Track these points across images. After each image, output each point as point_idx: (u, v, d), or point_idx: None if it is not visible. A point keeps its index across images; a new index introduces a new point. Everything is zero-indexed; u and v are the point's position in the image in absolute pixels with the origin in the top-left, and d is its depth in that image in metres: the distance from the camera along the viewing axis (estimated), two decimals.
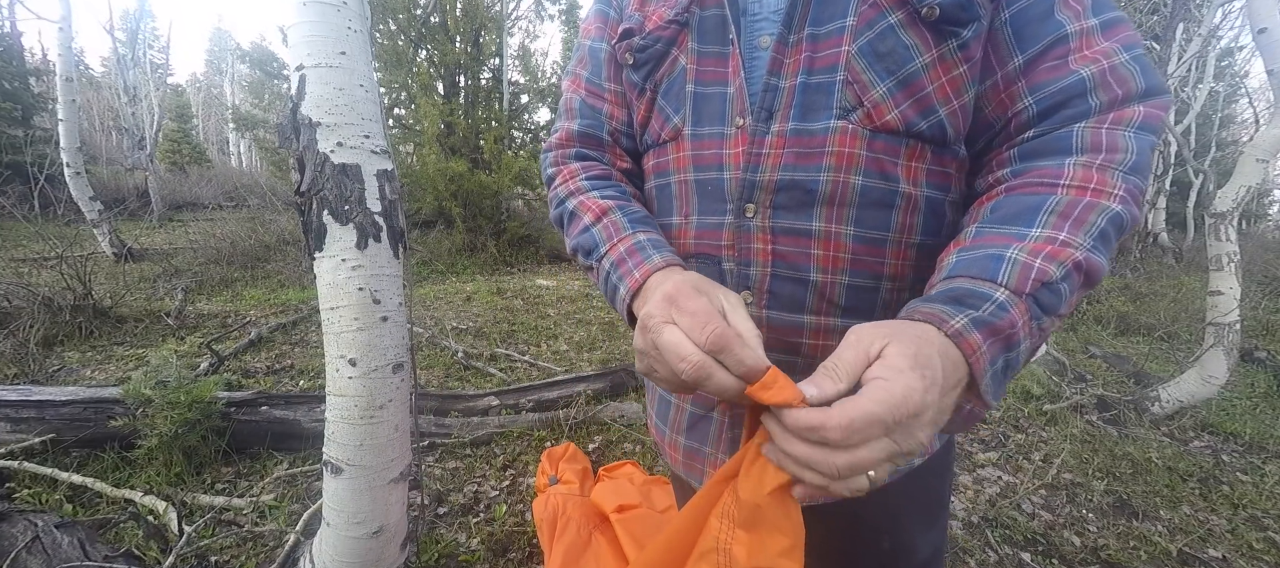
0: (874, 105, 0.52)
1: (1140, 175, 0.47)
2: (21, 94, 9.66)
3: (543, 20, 9.21)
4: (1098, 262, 0.44)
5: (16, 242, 6.18)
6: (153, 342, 3.42)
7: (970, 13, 0.50)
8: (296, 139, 1.16)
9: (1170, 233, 10.36)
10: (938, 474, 0.67)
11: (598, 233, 0.62)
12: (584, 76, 0.72)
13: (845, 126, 0.53)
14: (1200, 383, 2.78)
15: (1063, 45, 0.49)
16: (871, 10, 0.51)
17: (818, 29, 0.54)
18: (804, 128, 0.54)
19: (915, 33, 0.51)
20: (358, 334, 1.20)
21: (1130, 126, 0.47)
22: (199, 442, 1.99)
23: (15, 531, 1.46)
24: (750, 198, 0.56)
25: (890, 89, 0.52)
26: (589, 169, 0.69)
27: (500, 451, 2.28)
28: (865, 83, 0.52)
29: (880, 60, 0.52)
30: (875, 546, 0.65)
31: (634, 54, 0.64)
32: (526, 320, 4.40)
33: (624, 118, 0.70)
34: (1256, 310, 5.23)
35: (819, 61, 0.54)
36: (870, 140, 0.53)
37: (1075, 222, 0.45)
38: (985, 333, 0.41)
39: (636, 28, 0.64)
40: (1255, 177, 2.69)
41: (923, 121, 0.52)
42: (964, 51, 0.51)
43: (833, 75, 0.53)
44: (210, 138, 28.34)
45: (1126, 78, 0.48)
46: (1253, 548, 1.85)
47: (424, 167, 7.08)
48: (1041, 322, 0.43)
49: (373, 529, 1.26)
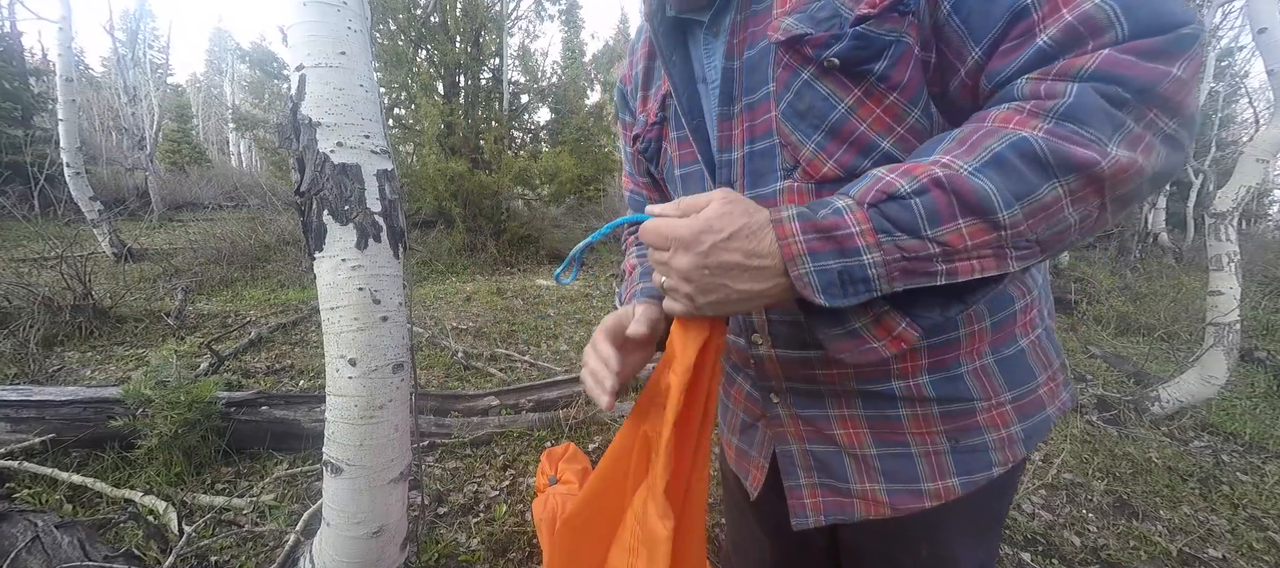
0: (808, 162, 0.54)
1: (1074, 121, 0.39)
2: (21, 94, 9.66)
3: (543, 20, 9.20)
4: (975, 184, 0.40)
5: (16, 242, 6.17)
6: (153, 342, 3.42)
7: (874, 48, 0.48)
8: (296, 139, 1.16)
9: (1170, 233, 10.36)
10: (994, 495, 0.64)
11: (626, 281, 0.81)
12: (628, 171, 0.85)
13: (791, 185, 0.55)
14: (1200, 383, 2.77)
15: (1023, 20, 0.43)
16: (785, 71, 0.53)
17: (752, 97, 0.56)
18: (758, 194, 0.58)
19: (830, 82, 0.51)
20: (358, 334, 1.19)
21: (1074, 76, 0.40)
22: (199, 442, 1.99)
23: (15, 531, 1.46)
24: None
25: (820, 143, 0.53)
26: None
27: (500, 451, 2.28)
28: (795, 143, 0.54)
29: (803, 118, 0.53)
30: (913, 553, 0.64)
31: (641, 153, 0.74)
32: (526, 320, 4.40)
33: (660, 197, 0.81)
34: (1256, 310, 5.23)
35: (758, 129, 0.56)
36: (817, 191, 0.54)
37: (969, 147, 0.41)
38: (805, 224, 0.43)
39: (641, 129, 0.72)
40: (1255, 177, 2.69)
41: (865, 161, 0.52)
42: (886, 82, 0.49)
43: (771, 140, 0.56)
44: (210, 138, 28.31)
45: (1100, 23, 0.40)
46: (1253, 548, 1.85)
47: (424, 167, 7.07)
48: (895, 238, 0.41)
49: (373, 529, 1.26)
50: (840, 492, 0.63)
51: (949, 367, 0.58)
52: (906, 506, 0.59)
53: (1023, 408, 0.59)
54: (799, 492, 0.65)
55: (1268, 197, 17.06)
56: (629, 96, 0.78)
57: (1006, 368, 0.59)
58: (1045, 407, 0.61)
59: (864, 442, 0.61)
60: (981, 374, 0.58)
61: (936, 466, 0.59)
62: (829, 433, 0.63)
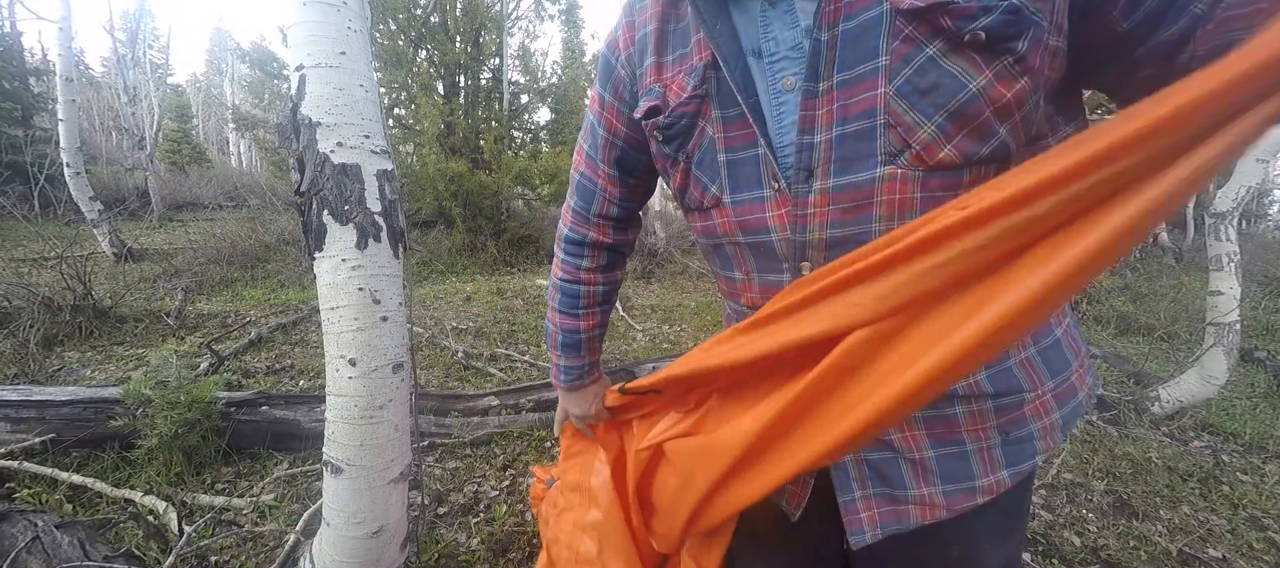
0: (924, 146, 0.48)
1: None
2: (21, 94, 9.65)
3: (543, 20, 9.22)
4: None
5: (16, 242, 6.17)
6: (153, 342, 3.42)
7: (1022, 25, 0.44)
8: (296, 139, 1.16)
9: (1170, 233, 10.35)
10: (1022, 487, 0.64)
11: (548, 337, 0.90)
12: (585, 149, 0.78)
13: (894, 173, 0.49)
14: (1200, 383, 2.77)
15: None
16: (906, 45, 0.47)
17: (848, 74, 0.49)
18: (847, 181, 0.51)
19: (961, 59, 0.46)
20: (358, 334, 1.19)
21: None
22: (199, 442, 1.99)
23: (15, 531, 1.45)
24: (804, 257, 0.56)
25: (940, 125, 0.47)
26: (565, 271, 0.86)
27: (500, 451, 2.28)
28: (909, 124, 0.48)
29: (924, 97, 0.47)
30: (943, 556, 0.63)
31: (661, 131, 0.62)
32: (526, 320, 4.39)
33: (616, 192, 0.78)
34: (1256, 310, 5.23)
35: (853, 108, 0.49)
36: (924, 180, 0.49)
37: None
38: None
39: (661, 103, 0.62)
40: (1255, 176, 2.69)
41: (983, 147, 0.48)
42: (1022, 64, 0.45)
43: (872, 120, 0.49)
44: (210, 138, 28.30)
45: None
46: (1253, 548, 1.85)
47: (424, 167, 7.08)
48: None
49: (373, 529, 1.26)
50: (896, 500, 0.60)
51: (1002, 360, 0.58)
52: (961, 505, 0.58)
53: (1060, 395, 0.60)
54: (854, 506, 0.61)
55: (1268, 197, 17.05)
56: (634, 63, 0.66)
57: (1047, 358, 0.60)
58: (1078, 392, 0.62)
59: (922, 444, 0.59)
60: (1028, 365, 0.59)
61: (989, 460, 0.58)
62: (886, 439, 0.60)
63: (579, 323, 0.86)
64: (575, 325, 0.86)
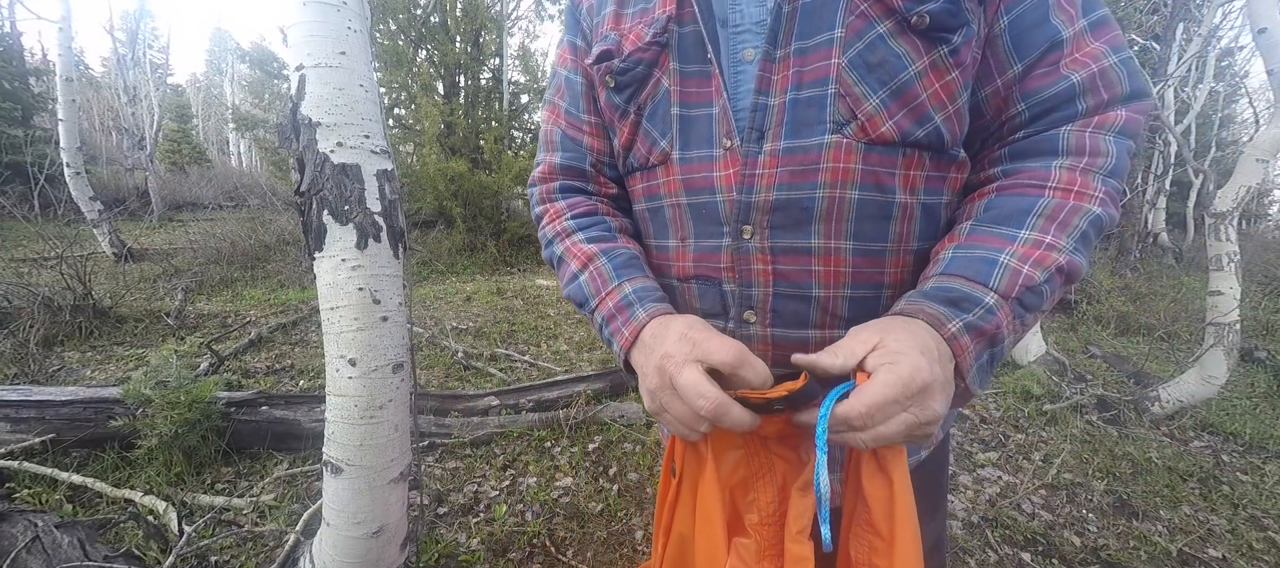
0: (868, 118, 0.52)
1: (1118, 178, 0.51)
2: (21, 94, 9.65)
3: (543, 20, 9.23)
4: (1078, 262, 0.49)
5: (16, 242, 6.17)
6: (153, 342, 3.42)
7: (959, 19, 0.50)
8: (296, 139, 1.16)
9: (1170, 233, 10.35)
10: (938, 463, 0.70)
11: (585, 284, 0.63)
12: (563, 108, 0.71)
13: (839, 141, 0.52)
14: (1200, 383, 2.77)
15: (1057, 51, 0.51)
16: (859, 21, 0.51)
17: (805, 43, 0.52)
18: (797, 145, 0.53)
19: (905, 41, 0.51)
20: (358, 334, 1.20)
21: (1112, 131, 0.51)
22: (199, 442, 1.99)
23: (15, 531, 1.46)
24: (747, 219, 0.56)
25: (884, 100, 0.51)
26: (574, 207, 0.70)
27: (500, 450, 2.28)
28: (858, 95, 0.51)
29: (872, 71, 0.51)
30: None
31: (614, 76, 0.62)
32: (526, 320, 4.40)
33: (605, 147, 0.70)
34: (1256, 310, 5.23)
35: (808, 75, 0.53)
36: (866, 153, 0.52)
37: (1060, 225, 0.49)
38: (974, 336, 0.48)
39: (614, 49, 0.61)
40: (1255, 177, 2.69)
41: (919, 130, 0.52)
42: (955, 57, 0.51)
43: (824, 88, 0.52)
44: (210, 138, 28.30)
45: (1114, 81, 0.51)
46: (1253, 548, 1.85)
47: (424, 167, 7.08)
48: (1024, 319, 0.49)
49: (373, 529, 1.26)
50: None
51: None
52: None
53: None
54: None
55: (1268, 197, 17.06)
56: (593, 11, 0.66)
57: None
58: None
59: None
60: None
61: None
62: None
63: (619, 244, 0.66)
64: (617, 246, 0.66)
